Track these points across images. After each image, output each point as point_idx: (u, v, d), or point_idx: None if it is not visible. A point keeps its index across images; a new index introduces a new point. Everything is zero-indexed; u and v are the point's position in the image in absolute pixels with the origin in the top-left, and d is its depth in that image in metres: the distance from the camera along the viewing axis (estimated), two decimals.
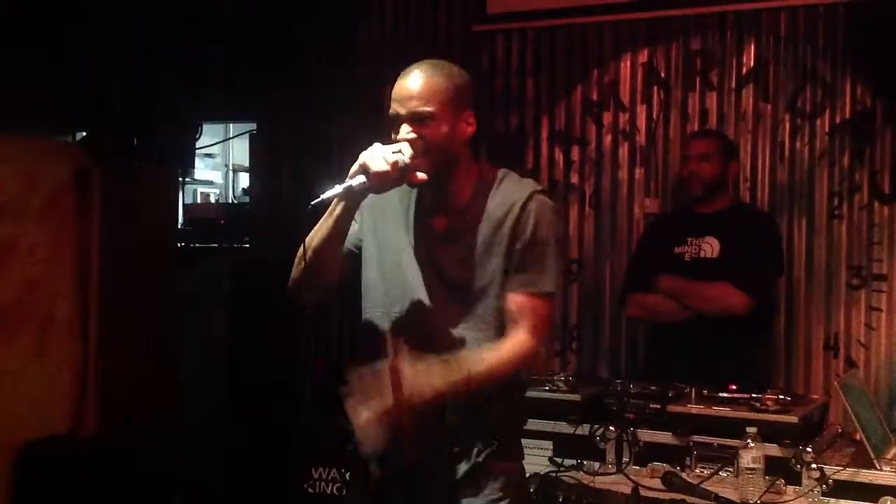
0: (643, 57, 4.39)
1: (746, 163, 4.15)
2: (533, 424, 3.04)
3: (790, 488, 2.72)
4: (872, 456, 2.70)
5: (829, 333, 4.05)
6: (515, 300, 2.23)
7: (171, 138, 4.34)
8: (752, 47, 4.19)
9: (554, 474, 2.89)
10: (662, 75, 4.36)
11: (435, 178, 2.24)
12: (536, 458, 2.99)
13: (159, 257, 4.06)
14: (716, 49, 4.25)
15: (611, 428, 2.95)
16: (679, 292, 3.65)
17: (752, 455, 2.70)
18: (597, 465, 2.94)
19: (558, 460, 2.97)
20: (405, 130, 2.22)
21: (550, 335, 2.17)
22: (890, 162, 3.97)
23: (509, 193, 2.28)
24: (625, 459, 2.93)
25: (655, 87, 4.37)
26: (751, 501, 2.68)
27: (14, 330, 3.54)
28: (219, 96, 4.88)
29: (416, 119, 2.21)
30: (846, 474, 2.67)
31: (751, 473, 2.70)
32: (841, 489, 2.65)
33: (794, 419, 2.84)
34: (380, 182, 2.17)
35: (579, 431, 2.98)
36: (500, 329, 2.25)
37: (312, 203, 2.18)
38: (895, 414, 3.72)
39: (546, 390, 3.15)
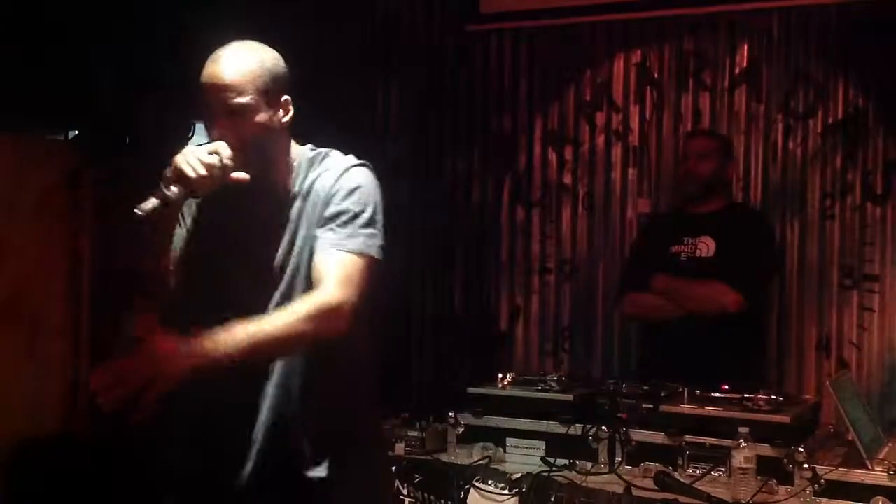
0: (636, 57, 4.40)
1: (739, 163, 4.15)
2: (525, 424, 3.06)
3: (782, 488, 2.71)
4: (864, 456, 2.69)
5: (821, 333, 4.06)
6: (321, 259, 2.04)
7: (164, 137, 4.32)
8: (745, 48, 4.20)
9: (546, 474, 2.88)
10: (655, 76, 4.36)
11: (254, 169, 2.07)
12: (529, 458, 3.00)
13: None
14: (709, 50, 4.26)
15: (603, 428, 2.95)
16: (672, 291, 3.65)
17: (744, 455, 2.70)
18: (589, 464, 2.93)
19: (550, 460, 2.96)
20: (219, 130, 2.06)
21: (363, 294, 2.01)
22: (882, 162, 3.98)
23: (328, 169, 2.14)
24: (617, 459, 2.92)
25: (648, 88, 4.38)
26: (743, 501, 2.67)
27: (4, 330, 3.53)
28: None
29: (230, 112, 2.04)
30: (838, 474, 2.66)
31: (743, 473, 2.70)
32: (833, 489, 2.64)
33: (786, 419, 2.84)
34: (197, 187, 2.01)
35: (572, 431, 2.97)
36: None
37: (135, 220, 1.99)
38: (887, 414, 3.73)
39: (538, 390, 3.15)
